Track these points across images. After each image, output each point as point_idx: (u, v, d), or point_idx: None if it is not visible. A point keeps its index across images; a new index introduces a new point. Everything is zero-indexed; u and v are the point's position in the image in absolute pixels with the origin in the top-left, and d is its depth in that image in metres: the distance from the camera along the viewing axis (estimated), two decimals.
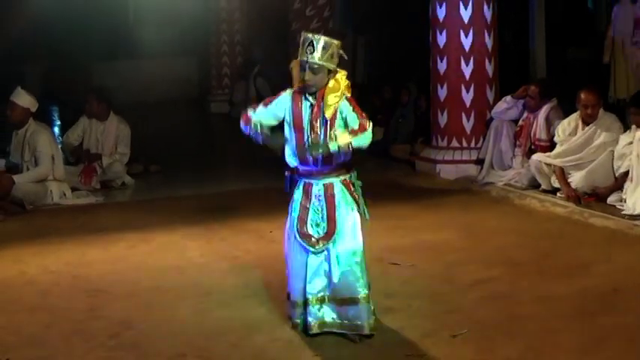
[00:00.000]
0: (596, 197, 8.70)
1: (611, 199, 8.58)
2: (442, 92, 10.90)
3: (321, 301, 5.43)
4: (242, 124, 5.46)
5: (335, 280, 5.38)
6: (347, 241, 5.40)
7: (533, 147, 9.74)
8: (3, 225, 9.05)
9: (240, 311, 5.95)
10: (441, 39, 10.82)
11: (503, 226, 8.24)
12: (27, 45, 20.20)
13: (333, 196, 5.41)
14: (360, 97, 14.48)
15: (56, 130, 16.38)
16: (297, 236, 5.41)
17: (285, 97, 5.44)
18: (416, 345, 5.21)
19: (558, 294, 6.06)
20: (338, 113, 5.33)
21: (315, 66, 5.26)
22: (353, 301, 5.39)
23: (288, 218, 5.50)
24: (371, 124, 5.30)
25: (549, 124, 9.62)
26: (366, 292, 5.41)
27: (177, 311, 6.01)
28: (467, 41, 10.66)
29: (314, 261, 5.42)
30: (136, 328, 5.71)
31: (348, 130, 5.29)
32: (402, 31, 16.97)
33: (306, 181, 5.44)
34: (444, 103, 10.93)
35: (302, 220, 5.41)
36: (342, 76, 5.39)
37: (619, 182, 8.58)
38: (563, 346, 5.15)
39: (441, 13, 10.77)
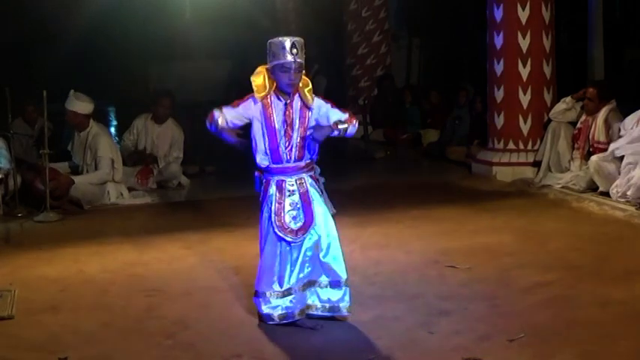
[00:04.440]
0: None
1: None
2: (499, 94, 10.85)
3: (305, 287, 5.68)
4: (207, 123, 5.70)
5: (317, 266, 5.68)
6: (323, 230, 5.68)
7: (591, 149, 9.65)
8: (61, 224, 9.17)
9: None
10: (498, 40, 10.77)
11: (561, 230, 8.17)
12: (85, 45, 20.42)
13: (305, 189, 5.70)
14: (415, 99, 14.57)
15: (112, 130, 16.54)
16: (277, 230, 5.62)
17: (252, 102, 5.65)
18: (472, 348, 5.16)
19: (617, 298, 5.98)
20: (314, 109, 5.69)
21: (299, 66, 5.56)
22: (337, 284, 5.70)
23: (263, 216, 5.70)
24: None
25: (608, 127, 9.53)
26: (347, 275, 5.71)
27: (234, 311, 6.03)
28: (524, 42, 10.60)
29: (293, 252, 5.66)
30: (193, 328, 5.73)
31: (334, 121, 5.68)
32: (458, 32, 16.90)
33: (279, 178, 5.68)
34: (500, 105, 10.88)
35: (279, 215, 5.63)
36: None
37: None
38: (621, 352, 5.08)
39: (498, 14, 10.72)
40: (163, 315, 6.03)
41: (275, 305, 5.67)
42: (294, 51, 5.55)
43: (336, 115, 5.73)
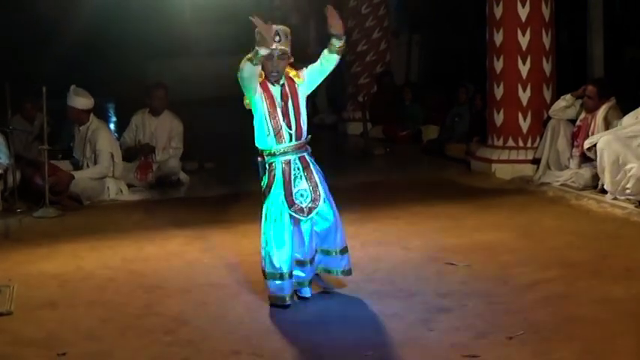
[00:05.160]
0: None
1: None
2: (498, 91, 10.84)
3: (313, 259, 6.10)
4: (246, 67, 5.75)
5: (330, 237, 6.10)
6: (330, 202, 6.07)
7: None
8: (61, 220, 9.17)
9: (294, 309, 5.96)
10: (498, 37, 10.76)
11: (560, 227, 8.16)
12: (86, 42, 20.44)
13: (309, 165, 6.02)
14: (415, 96, 14.56)
15: (112, 126, 16.52)
16: (289, 209, 5.91)
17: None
18: (471, 345, 5.17)
19: (616, 296, 5.98)
20: (305, 85, 6.03)
21: (282, 53, 5.83)
22: (346, 249, 6.18)
23: (272, 202, 5.95)
24: None
25: (608, 124, 9.51)
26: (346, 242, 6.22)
27: (232, 308, 6.04)
28: (524, 40, 10.59)
29: (304, 228, 6.02)
30: (191, 325, 5.74)
31: (322, 62, 6.00)
32: (458, 29, 16.88)
33: (283, 159, 5.94)
34: (500, 102, 10.87)
35: (289, 196, 5.91)
36: (290, 62, 6.01)
37: None
38: (621, 350, 5.07)
39: (498, 11, 10.71)
40: (162, 311, 6.03)
41: (287, 282, 5.95)
42: (277, 38, 5.78)
43: (316, 65, 6.02)
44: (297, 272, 6.05)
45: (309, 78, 6.05)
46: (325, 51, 5.97)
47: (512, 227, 8.17)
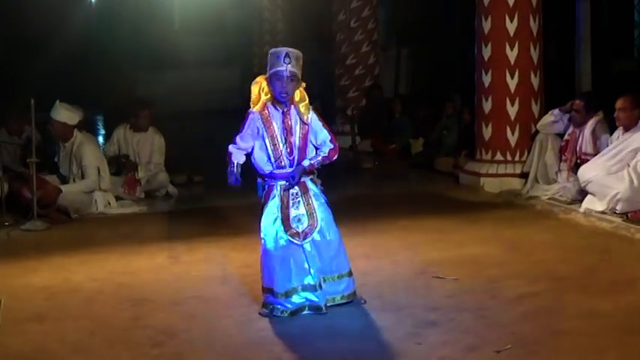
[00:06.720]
0: None
1: None
2: (487, 105, 10.87)
3: (313, 288, 6.02)
4: (229, 162, 6.20)
5: (325, 263, 6.08)
6: (329, 228, 6.11)
7: (579, 161, 9.67)
8: (49, 233, 9.15)
9: (283, 323, 5.95)
10: (486, 52, 10.80)
11: (548, 241, 8.18)
12: (76, 54, 20.44)
13: (308, 192, 6.10)
14: (405, 109, 14.57)
15: (100, 139, 16.49)
16: (284, 234, 5.99)
17: (254, 116, 6.06)
18: (459, 359, 5.17)
19: (604, 310, 5.99)
20: (311, 124, 6.06)
21: (292, 75, 5.91)
22: (344, 275, 6.17)
23: (265, 221, 6.07)
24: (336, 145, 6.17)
25: (595, 138, 9.56)
26: (350, 266, 6.20)
27: (220, 322, 6.02)
28: (512, 54, 10.63)
29: (301, 252, 6.02)
30: (180, 338, 5.72)
31: (317, 143, 6.10)
32: (447, 43, 16.93)
33: (282, 183, 6.05)
34: (488, 116, 10.90)
35: (286, 220, 6.01)
36: (302, 87, 6.07)
37: None
38: None
39: (487, 25, 10.75)
40: (150, 324, 6.01)
41: (295, 301, 6.01)
42: (287, 60, 5.90)
43: (320, 137, 6.10)
44: (310, 296, 6.05)
45: (312, 129, 6.10)
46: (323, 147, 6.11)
47: (500, 241, 8.18)
